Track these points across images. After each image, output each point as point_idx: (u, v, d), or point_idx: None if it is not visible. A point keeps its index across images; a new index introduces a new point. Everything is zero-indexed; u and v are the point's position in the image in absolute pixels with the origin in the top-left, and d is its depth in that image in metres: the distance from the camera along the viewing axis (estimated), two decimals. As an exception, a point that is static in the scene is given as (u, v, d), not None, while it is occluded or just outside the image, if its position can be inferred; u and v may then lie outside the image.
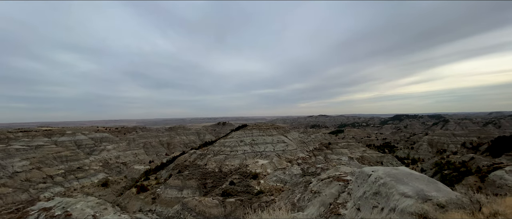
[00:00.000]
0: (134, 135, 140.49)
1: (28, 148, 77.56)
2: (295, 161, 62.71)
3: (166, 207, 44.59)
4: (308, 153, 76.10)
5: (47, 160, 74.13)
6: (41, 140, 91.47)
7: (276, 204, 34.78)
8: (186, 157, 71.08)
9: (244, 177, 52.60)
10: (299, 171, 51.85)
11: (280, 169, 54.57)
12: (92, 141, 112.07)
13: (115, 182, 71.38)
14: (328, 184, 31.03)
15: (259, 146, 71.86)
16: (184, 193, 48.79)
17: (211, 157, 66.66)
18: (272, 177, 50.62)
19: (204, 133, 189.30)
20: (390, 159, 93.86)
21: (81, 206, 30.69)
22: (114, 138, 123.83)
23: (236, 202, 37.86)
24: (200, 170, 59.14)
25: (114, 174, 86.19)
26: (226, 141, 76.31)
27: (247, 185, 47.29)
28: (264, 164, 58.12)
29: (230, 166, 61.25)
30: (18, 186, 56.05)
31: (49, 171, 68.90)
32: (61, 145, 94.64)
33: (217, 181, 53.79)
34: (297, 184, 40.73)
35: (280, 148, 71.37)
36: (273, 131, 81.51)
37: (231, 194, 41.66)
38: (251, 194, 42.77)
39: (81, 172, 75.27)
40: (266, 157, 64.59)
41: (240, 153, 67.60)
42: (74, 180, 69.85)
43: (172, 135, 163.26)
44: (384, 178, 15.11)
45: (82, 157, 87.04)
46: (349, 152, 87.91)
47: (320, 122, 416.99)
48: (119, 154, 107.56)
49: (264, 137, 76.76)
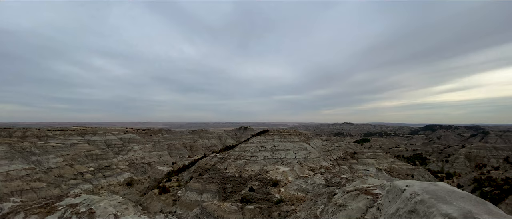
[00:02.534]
0: (160, 137, 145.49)
1: (63, 145, 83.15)
2: (317, 170, 60.29)
3: (186, 210, 44.73)
4: (331, 162, 73.04)
5: (79, 158, 78.78)
6: (75, 139, 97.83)
7: (297, 215, 33.14)
8: (207, 160, 71.56)
9: (264, 183, 51.38)
10: (322, 181, 49.55)
11: (301, 178, 52.62)
12: (121, 141, 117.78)
13: (139, 181, 73.77)
14: (354, 197, 28.88)
15: (280, 153, 70.31)
16: (203, 197, 48.73)
17: (232, 162, 66.37)
18: (293, 185, 48.86)
19: (226, 137, 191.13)
20: (422, 172, 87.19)
21: (104, 205, 31.47)
22: (141, 139, 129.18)
23: (255, 210, 36.77)
24: (220, 174, 58.98)
25: (139, 174, 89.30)
26: (247, 145, 75.77)
27: (267, 192, 46.03)
28: (285, 171, 56.49)
29: (250, 171, 60.42)
30: (51, 181, 59.92)
31: (80, 168, 73.07)
32: (93, 144, 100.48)
33: (237, 186, 53.13)
34: (319, 195, 38.73)
35: (302, 155, 69.22)
36: (295, 138, 79.54)
37: (250, 201, 40.65)
38: (270, 202, 41.44)
39: (109, 170, 78.87)
40: (287, 164, 62.87)
41: (260, 159, 66.59)
42: (101, 178, 73.32)
43: (195, 138, 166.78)
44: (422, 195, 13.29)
45: (110, 156, 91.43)
46: (376, 163, 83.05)
47: (344, 130, 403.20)
48: (144, 155, 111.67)
49: (286, 143, 75.08)
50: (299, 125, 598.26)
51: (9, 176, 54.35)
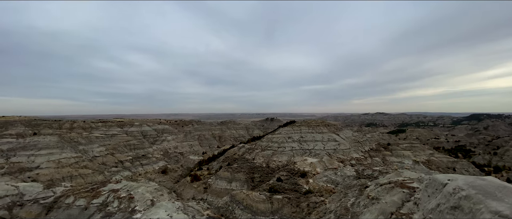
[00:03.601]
0: (190, 128, 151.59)
1: (105, 136, 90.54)
2: (348, 162, 58.33)
3: (216, 197, 46.34)
4: (363, 154, 70.11)
5: (119, 147, 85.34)
6: (115, 130, 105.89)
7: (327, 207, 32.51)
8: (235, 150, 73.01)
9: (292, 174, 51.09)
10: (352, 173, 47.85)
11: (330, 169, 51.34)
12: (155, 132, 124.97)
13: (172, 170, 77.99)
14: (388, 190, 27.46)
15: (308, 144, 69.13)
16: (232, 185, 49.98)
17: (259, 152, 66.90)
18: (322, 177, 47.91)
19: (253, 128, 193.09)
20: (465, 165, 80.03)
21: (142, 191, 33.84)
22: (173, 130, 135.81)
23: (283, 200, 36.81)
24: (248, 164, 59.88)
25: (172, 162, 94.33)
26: (274, 136, 75.65)
27: (294, 183, 45.76)
28: (313, 163, 55.52)
29: (277, 162, 60.44)
30: (96, 168, 65.94)
31: (120, 157, 79.21)
32: (130, 134, 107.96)
33: (264, 176, 53.57)
34: (350, 187, 37.48)
35: (331, 146, 67.34)
36: (324, 128, 77.47)
37: (278, 191, 40.76)
38: (299, 192, 41.16)
39: (145, 159, 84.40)
40: (316, 155, 61.68)
41: (287, 150, 66.17)
42: (139, 166, 78.81)
43: (223, 129, 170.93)
44: (467, 190, 11.97)
45: (146, 146, 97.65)
46: (412, 155, 77.96)
47: (377, 120, 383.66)
48: (177, 145, 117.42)
49: (314, 134, 73.52)
50: (328, 115, 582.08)
51: (60, 163, 60.85)
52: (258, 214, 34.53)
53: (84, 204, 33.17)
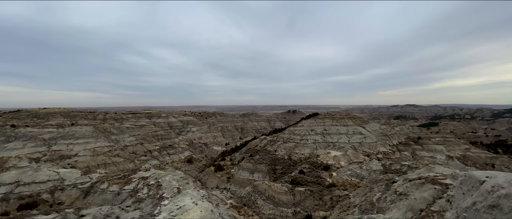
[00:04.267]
0: (214, 119, 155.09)
1: (135, 126, 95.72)
2: (374, 155, 56.19)
3: (239, 187, 47.24)
4: (390, 148, 67.09)
5: (147, 137, 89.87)
6: (144, 121, 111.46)
7: (351, 201, 31.73)
8: (257, 142, 73.50)
9: (315, 167, 50.40)
10: (379, 167, 46.05)
11: (355, 163, 49.84)
12: (181, 123, 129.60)
13: (197, 159, 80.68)
14: (418, 186, 26.08)
15: (332, 136, 67.51)
16: (255, 176, 50.55)
17: (281, 144, 66.72)
18: (346, 170, 46.71)
19: (274, 120, 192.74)
20: (505, 161, 73.41)
21: (169, 179, 35.45)
22: (197, 121, 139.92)
23: (305, 192, 36.54)
24: (270, 156, 60.06)
25: (197, 152, 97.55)
26: (296, 129, 74.84)
27: (317, 176, 45.13)
28: (337, 156, 54.24)
29: (299, 154, 59.90)
30: (127, 157, 70.22)
31: (148, 146, 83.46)
32: (158, 125, 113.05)
33: (286, 168, 53.46)
34: (376, 181, 36.18)
35: (357, 139, 65.18)
36: (349, 121, 75.04)
37: (301, 183, 40.50)
38: (322, 185, 40.59)
39: (172, 149, 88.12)
40: (340, 149, 60.14)
41: (310, 142, 65.21)
42: (166, 155, 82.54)
43: (245, 121, 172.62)
44: (507, 188, 11.04)
45: (173, 136, 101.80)
46: (446, 150, 73.07)
47: (407, 113, 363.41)
48: (201, 136, 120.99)
49: (338, 127, 71.55)
50: (353, 107, 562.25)
51: (95, 152, 65.62)
52: (280, 206, 34.68)
53: (117, 190, 35.63)
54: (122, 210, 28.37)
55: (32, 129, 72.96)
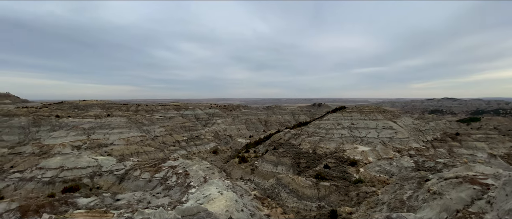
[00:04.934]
0: (238, 112, 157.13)
1: (164, 118, 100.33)
2: (406, 152, 53.21)
3: (263, 179, 47.68)
4: (424, 144, 63.03)
5: (176, 128, 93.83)
6: (173, 113, 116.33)
7: (379, 198, 30.52)
8: (281, 135, 73.22)
9: (340, 162, 49.08)
10: (411, 164, 43.57)
11: (385, 159, 47.62)
12: (207, 115, 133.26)
13: (222, 151, 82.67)
14: (455, 185, 24.31)
15: (360, 131, 64.99)
16: (278, 169, 50.61)
17: (305, 138, 65.78)
18: (374, 166, 44.86)
19: (299, 113, 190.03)
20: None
21: (196, 168, 36.82)
22: (222, 114, 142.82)
23: (330, 187, 35.83)
24: (294, 149, 59.59)
25: (222, 144, 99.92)
26: (321, 122, 73.15)
27: (343, 171, 43.93)
28: (365, 151, 52.23)
29: (325, 148, 58.63)
30: (157, 146, 74.03)
31: (177, 137, 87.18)
32: (185, 117, 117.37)
33: (311, 162, 52.72)
34: (407, 179, 34.32)
35: (386, 134, 62.10)
36: (378, 115, 71.58)
37: (326, 178, 39.75)
38: (348, 181, 39.48)
39: (198, 140, 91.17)
40: (368, 144, 57.78)
41: (336, 137, 63.44)
42: (193, 146, 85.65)
43: (269, 114, 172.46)
44: None
45: (199, 128, 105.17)
46: (488, 147, 66.89)
47: (444, 107, 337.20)
48: (226, 128, 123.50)
49: (366, 121, 68.63)
50: (384, 100, 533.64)
51: (129, 141, 70.06)
52: (304, 199, 34.44)
53: (148, 177, 37.87)
54: (153, 196, 30.15)
55: (74, 119, 79.76)
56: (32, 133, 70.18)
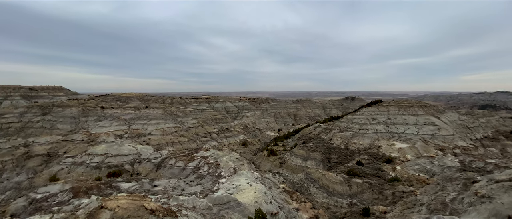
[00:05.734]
0: (267, 105, 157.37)
1: (197, 110, 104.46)
2: (450, 150, 48.80)
3: (291, 173, 47.44)
4: (472, 142, 57.15)
5: (207, 120, 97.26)
6: (204, 105, 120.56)
7: (418, 198, 28.60)
8: (311, 129, 71.80)
9: (375, 159, 46.71)
10: (455, 164, 39.90)
11: (425, 157, 44.25)
12: (236, 108, 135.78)
13: (251, 143, 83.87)
14: (507, 189, 21.85)
15: (397, 127, 61.00)
16: (307, 164, 49.88)
17: (337, 133, 63.66)
18: (413, 164, 41.95)
19: (330, 107, 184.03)
20: None
21: (226, 159, 37.89)
22: (251, 107, 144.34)
23: (363, 184, 34.40)
24: (324, 144, 58.12)
25: (251, 136, 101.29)
26: (355, 117, 70.03)
27: (378, 168, 41.80)
28: (402, 148, 49.00)
29: (358, 144, 56.22)
30: (190, 137, 77.64)
31: (208, 128, 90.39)
32: (216, 110, 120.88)
33: (342, 158, 51.01)
34: (451, 180, 31.56)
35: (428, 131, 57.47)
36: (419, 110, 66.41)
37: (358, 175, 38.22)
38: (382, 179, 37.53)
39: (228, 132, 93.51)
40: (406, 141, 54.07)
41: (371, 132, 60.37)
42: (223, 137, 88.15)
43: (299, 107, 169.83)
44: None
45: (229, 120, 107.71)
46: (553, 149, 58.37)
47: (497, 101, 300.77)
48: (255, 121, 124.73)
49: (405, 117, 64.12)
50: (425, 94, 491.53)
51: (165, 131, 74.45)
52: (335, 195, 33.57)
53: (182, 166, 39.97)
54: (187, 184, 31.78)
55: (116, 110, 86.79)
56: (82, 122, 78.03)
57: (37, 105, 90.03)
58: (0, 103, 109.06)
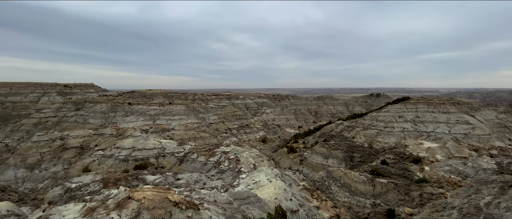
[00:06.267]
0: (287, 102, 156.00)
1: (217, 107, 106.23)
2: (485, 151, 45.28)
3: (312, 171, 46.79)
4: (511, 143, 52.63)
5: (227, 117, 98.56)
6: (225, 102, 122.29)
7: (448, 201, 26.97)
8: (332, 126, 70.15)
9: (401, 158, 44.63)
10: (492, 165, 37.00)
11: (457, 158, 41.48)
12: (256, 105, 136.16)
13: (271, 140, 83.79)
14: (555, 196, 19.88)
15: (426, 125, 57.72)
16: (329, 162, 48.88)
17: (360, 130, 61.59)
18: (443, 165, 39.53)
19: (353, 104, 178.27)
20: None
21: (246, 155, 38.20)
22: (271, 103, 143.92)
23: (388, 184, 33.05)
24: (346, 142, 56.54)
25: (271, 133, 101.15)
26: (380, 114, 67.27)
27: (404, 168, 39.91)
28: (431, 148, 46.31)
29: (383, 143, 54.03)
30: (211, 133, 79.17)
31: (228, 124, 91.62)
32: (236, 106, 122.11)
33: (366, 157, 49.34)
34: (486, 182, 29.36)
35: (460, 130, 53.76)
36: (451, 107, 62.28)
37: (383, 175, 36.76)
38: (409, 179, 35.80)
39: (248, 128, 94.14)
40: (436, 140, 51.01)
41: (397, 130, 57.69)
42: (243, 133, 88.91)
43: (320, 104, 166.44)
44: None
45: (249, 117, 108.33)
46: None
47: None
48: (274, 117, 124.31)
49: (435, 115, 60.46)
50: (458, 91, 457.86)
51: (187, 127, 76.55)
52: (357, 195, 32.62)
53: (204, 160, 40.92)
54: (208, 178, 32.51)
55: (142, 106, 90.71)
56: (111, 117, 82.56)
57: (71, 101, 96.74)
58: (38, 99, 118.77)
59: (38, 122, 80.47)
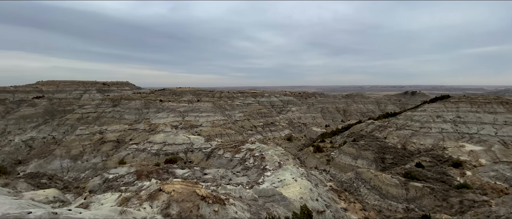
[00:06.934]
0: (313, 100, 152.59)
1: (243, 104, 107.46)
2: (540, 156, 40.23)
3: (339, 171, 45.32)
4: None
5: (253, 114, 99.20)
6: (250, 99, 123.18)
7: (492, 210, 24.53)
8: (362, 126, 67.19)
9: (439, 161, 41.39)
10: (549, 173, 32.80)
11: (505, 162, 37.43)
12: (281, 102, 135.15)
13: (296, 138, 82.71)
14: None
15: (469, 126, 52.81)
16: (358, 163, 46.95)
17: (393, 131, 58.22)
18: (488, 170, 35.93)
19: (386, 103, 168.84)
20: None
21: (271, 153, 38.16)
22: (297, 101, 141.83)
23: (423, 189, 30.87)
24: (377, 143, 53.80)
25: (296, 131, 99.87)
26: (415, 114, 62.95)
27: (442, 172, 36.98)
28: (474, 151, 42.30)
29: (418, 144, 50.53)
30: (237, 130, 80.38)
31: (254, 122, 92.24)
32: (261, 104, 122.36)
33: (399, 159, 46.53)
34: (542, 192, 26.12)
35: (510, 132, 48.36)
36: (498, 107, 56.27)
37: (417, 178, 34.40)
38: (447, 184, 33.09)
39: (273, 126, 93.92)
40: (480, 142, 46.44)
41: (434, 131, 53.57)
42: (268, 131, 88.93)
43: (349, 103, 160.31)
44: None
45: (274, 115, 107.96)
46: None
47: None
48: (300, 115, 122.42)
49: (479, 115, 55.06)
50: (507, 89, 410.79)
51: (214, 124, 78.57)
52: (389, 198, 30.96)
53: (230, 157, 41.74)
54: (234, 174, 33.09)
55: (172, 103, 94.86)
56: (144, 113, 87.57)
57: (109, 98, 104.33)
58: (81, 96, 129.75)
59: (81, 117, 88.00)
